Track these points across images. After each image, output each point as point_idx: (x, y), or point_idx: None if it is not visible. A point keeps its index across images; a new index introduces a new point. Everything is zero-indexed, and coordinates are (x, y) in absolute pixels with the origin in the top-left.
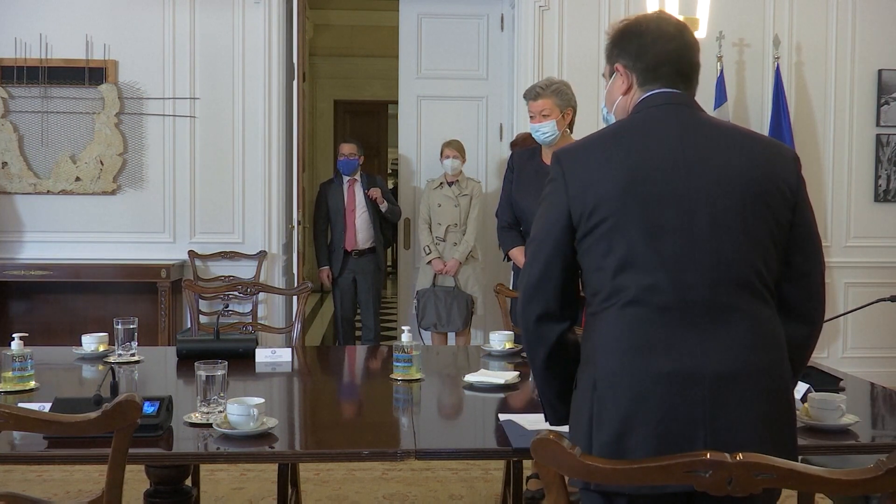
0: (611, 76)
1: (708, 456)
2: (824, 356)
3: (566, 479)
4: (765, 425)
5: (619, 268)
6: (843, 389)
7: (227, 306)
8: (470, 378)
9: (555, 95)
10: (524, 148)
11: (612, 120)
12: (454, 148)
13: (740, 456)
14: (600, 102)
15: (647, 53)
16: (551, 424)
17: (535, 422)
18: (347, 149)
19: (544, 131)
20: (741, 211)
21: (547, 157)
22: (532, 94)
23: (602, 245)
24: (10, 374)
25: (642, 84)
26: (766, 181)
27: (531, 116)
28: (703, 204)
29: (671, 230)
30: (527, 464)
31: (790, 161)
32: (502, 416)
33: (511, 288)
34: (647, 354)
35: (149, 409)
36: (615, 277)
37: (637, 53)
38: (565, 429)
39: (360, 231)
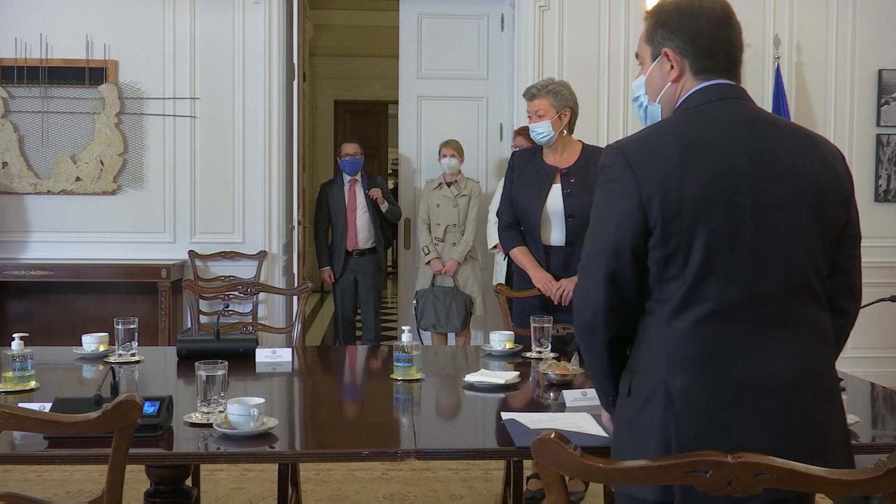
0: (653, 60)
1: (708, 456)
2: None
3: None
4: (830, 429)
5: (698, 278)
6: (843, 389)
7: (227, 306)
8: (470, 378)
9: (550, 96)
10: (524, 148)
11: (655, 109)
12: (452, 147)
13: (741, 456)
14: (600, 103)
15: (702, 37)
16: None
17: (537, 420)
18: (351, 148)
19: (539, 131)
20: (811, 213)
21: (547, 157)
22: (528, 95)
23: (681, 254)
24: (10, 374)
25: (696, 72)
26: (829, 184)
27: (528, 116)
28: (779, 211)
29: (750, 238)
30: (527, 464)
31: (842, 159)
32: (504, 415)
33: (510, 287)
34: (724, 366)
35: (149, 409)
36: (692, 287)
37: (690, 37)
38: (565, 429)
39: (361, 231)
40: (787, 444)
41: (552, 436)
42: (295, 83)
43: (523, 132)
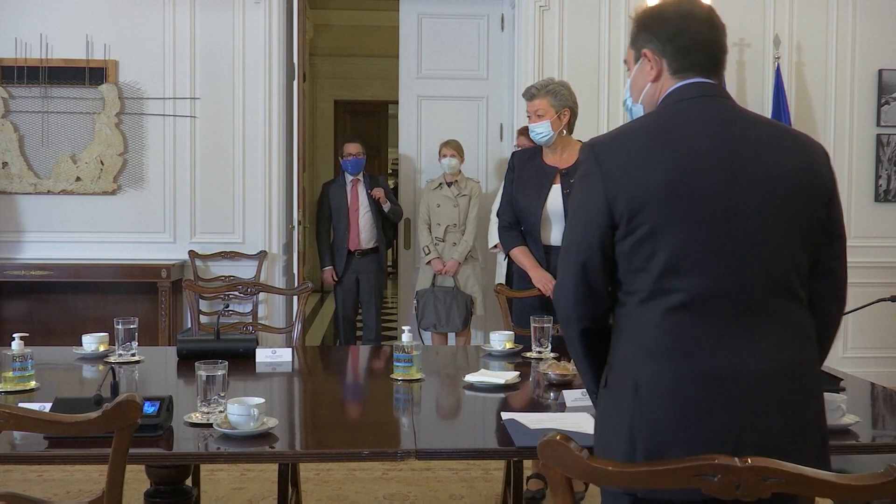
0: (636, 62)
1: (716, 460)
2: None
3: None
4: (800, 424)
5: (664, 270)
6: (843, 389)
7: (227, 306)
8: (470, 378)
9: (550, 96)
10: (524, 148)
11: (638, 110)
12: (452, 147)
13: (749, 460)
14: (600, 103)
15: (678, 37)
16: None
17: (537, 420)
18: (354, 148)
19: (538, 131)
20: (784, 211)
21: (547, 157)
22: (528, 95)
23: (646, 247)
24: (10, 374)
25: (675, 72)
26: (807, 179)
27: (528, 116)
28: (749, 205)
29: (718, 232)
30: (527, 464)
31: (824, 156)
32: (504, 415)
33: (510, 287)
34: (689, 357)
35: (149, 409)
36: (659, 279)
37: (669, 37)
38: (566, 430)
39: (364, 231)
40: (750, 437)
41: (558, 437)
42: (295, 83)
43: (525, 132)
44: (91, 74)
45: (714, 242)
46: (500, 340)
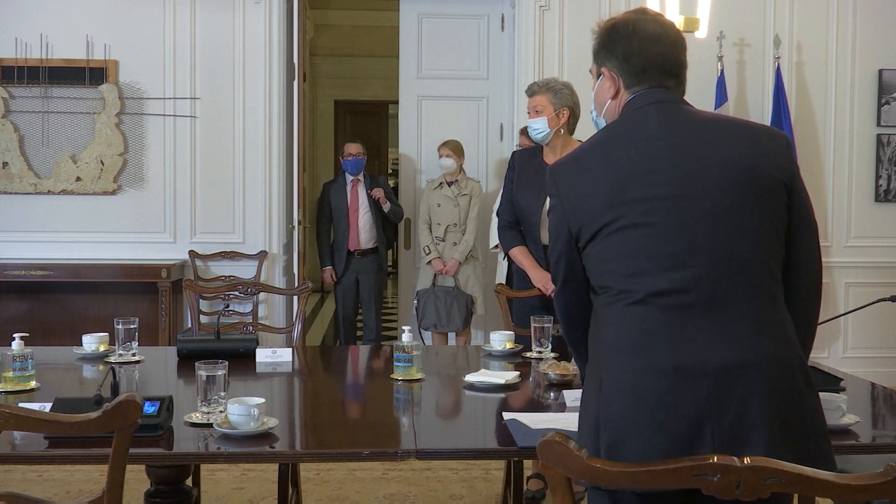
0: (598, 77)
1: (716, 459)
2: (824, 356)
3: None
4: (775, 419)
5: (623, 273)
6: (843, 389)
7: (227, 306)
8: (470, 378)
9: (550, 93)
10: (524, 148)
11: (601, 123)
12: (449, 148)
13: (748, 459)
14: None
15: (633, 57)
16: None
17: (539, 420)
18: (355, 148)
19: (535, 127)
20: (740, 202)
21: (547, 157)
22: (529, 91)
23: (603, 254)
24: (10, 374)
25: (629, 87)
26: (761, 169)
27: (528, 113)
28: (700, 199)
29: (669, 229)
30: (527, 464)
31: (782, 145)
32: (506, 415)
33: (510, 287)
34: (649, 352)
35: (149, 409)
36: (621, 279)
37: (624, 56)
38: (567, 429)
39: (364, 231)
40: (714, 430)
41: (557, 437)
42: (295, 83)
43: (526, 131)
44: (91, 74)
45: (668, 239)
46: (501, 340)
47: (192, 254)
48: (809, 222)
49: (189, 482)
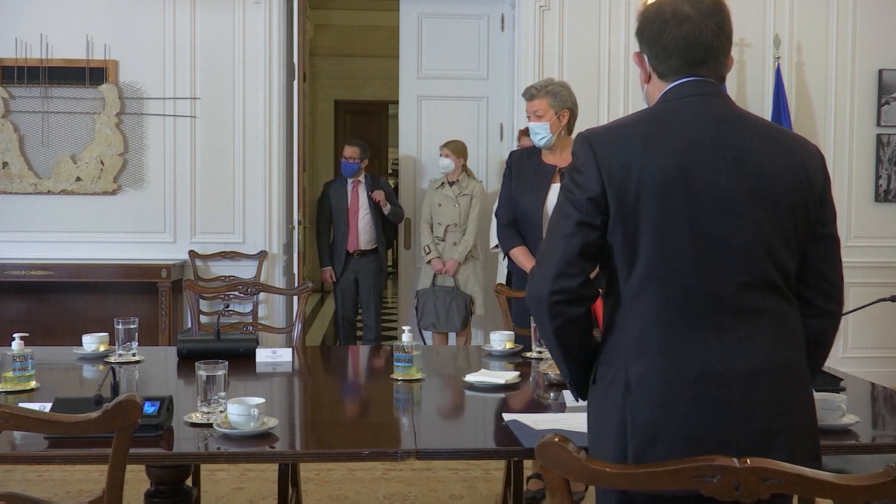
0: (639, 63)
1: (716, 461)
2: None
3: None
4: (794, 424)
5: (653, 265)
6: (843, 389)
7: (227, 306)
8: (470, 378)
9: (549, 96)
10: (522, 148)
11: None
12: (448, 148)
13: (748, 461)
14: (601, 103)
15: (655, 44)
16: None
17: (540, 421)
18: (349, 151)
19: (537, 132)
20: (775, 211)
21: (546, 156)
22: (528, 95)
23: (636, 239)
24: (10, 374)
25: (660, 74)
26: (799, 180)
27: (527, 116)
28: (741, 204)
29: (709, 229)
30: (527, 464)
31: (819, 159)
32: (507, 416)
33: (510, 287)
34: (679, 356)
35: (149, 409)
36: (650, 270)
37: (649, 42)
38: (568, 430)
39: (363, 233)
40: (741, 435)
41: (556, 439)
42: (295, 83)
43: (527, 133)
44: (91, 74)
45: (699, 239)
46: (501, 340)
47: (192, 254)
48: (831, 234)
49: (189, 482)
